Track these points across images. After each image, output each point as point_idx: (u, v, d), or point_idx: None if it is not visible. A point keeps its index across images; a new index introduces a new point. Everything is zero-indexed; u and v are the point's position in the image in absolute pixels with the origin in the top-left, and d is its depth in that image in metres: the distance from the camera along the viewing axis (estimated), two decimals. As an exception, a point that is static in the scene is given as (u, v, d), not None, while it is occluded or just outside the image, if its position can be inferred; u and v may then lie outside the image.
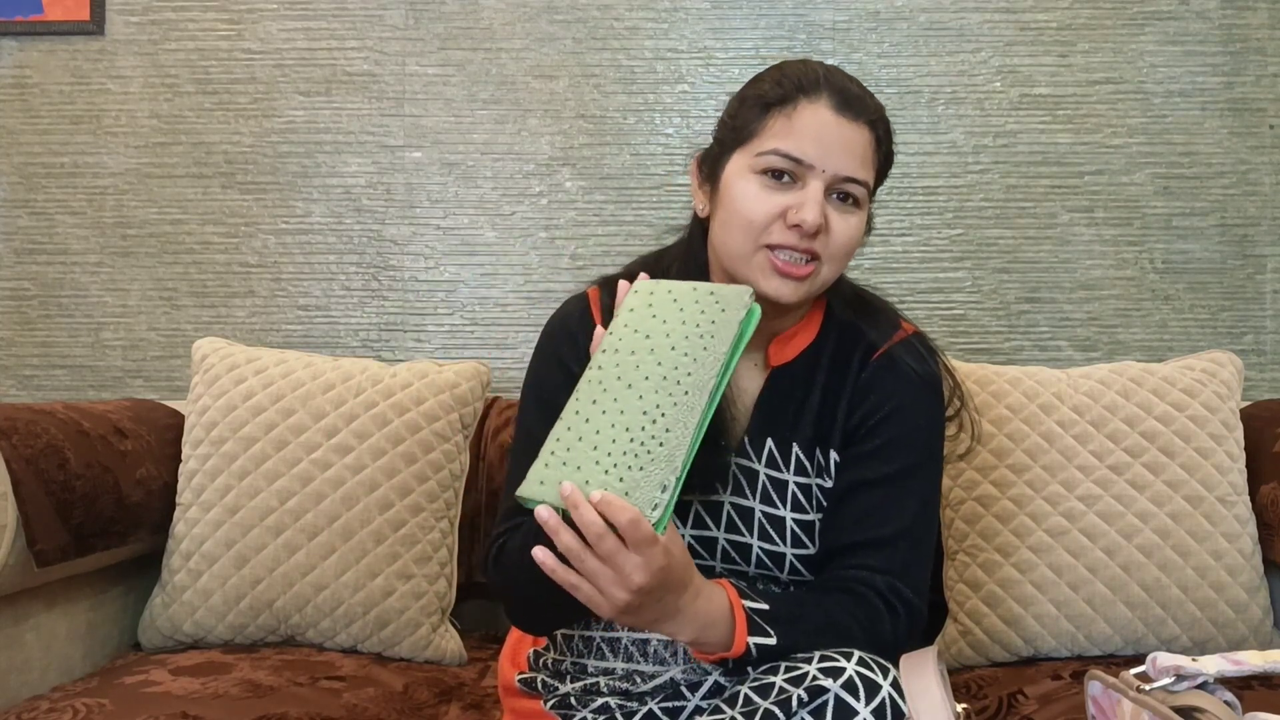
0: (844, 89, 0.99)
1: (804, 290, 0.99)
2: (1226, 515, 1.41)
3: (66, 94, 1.89)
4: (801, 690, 0.84)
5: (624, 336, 0.86)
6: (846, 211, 0.99)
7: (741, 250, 0.99)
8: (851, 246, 1.00)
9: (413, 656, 1.45)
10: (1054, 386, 1.49)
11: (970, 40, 1.84)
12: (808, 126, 0.97)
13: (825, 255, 0.98)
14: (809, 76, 0.99)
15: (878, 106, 1.01)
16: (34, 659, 1.36)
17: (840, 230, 0.98)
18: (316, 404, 1.50)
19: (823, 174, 0.96)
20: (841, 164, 0.97)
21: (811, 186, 0.96)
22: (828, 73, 1.00)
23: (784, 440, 1.05)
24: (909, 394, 1.05)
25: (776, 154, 0.97)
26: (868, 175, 0.99)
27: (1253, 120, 1.82)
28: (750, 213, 0.97)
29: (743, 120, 1.01)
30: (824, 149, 0.96)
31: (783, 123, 0.98)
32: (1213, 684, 0.80)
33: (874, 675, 0.84)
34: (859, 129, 0.98)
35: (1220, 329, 1.82)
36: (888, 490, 1.01)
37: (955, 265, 1.84)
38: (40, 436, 1.32)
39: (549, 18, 1.86)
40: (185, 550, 1.46)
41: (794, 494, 1.03)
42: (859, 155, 0.98)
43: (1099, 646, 1.40)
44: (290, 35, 1.88)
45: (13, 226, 1.90)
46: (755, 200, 0.97)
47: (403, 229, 1.88)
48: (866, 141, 0.99)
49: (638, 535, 0.78)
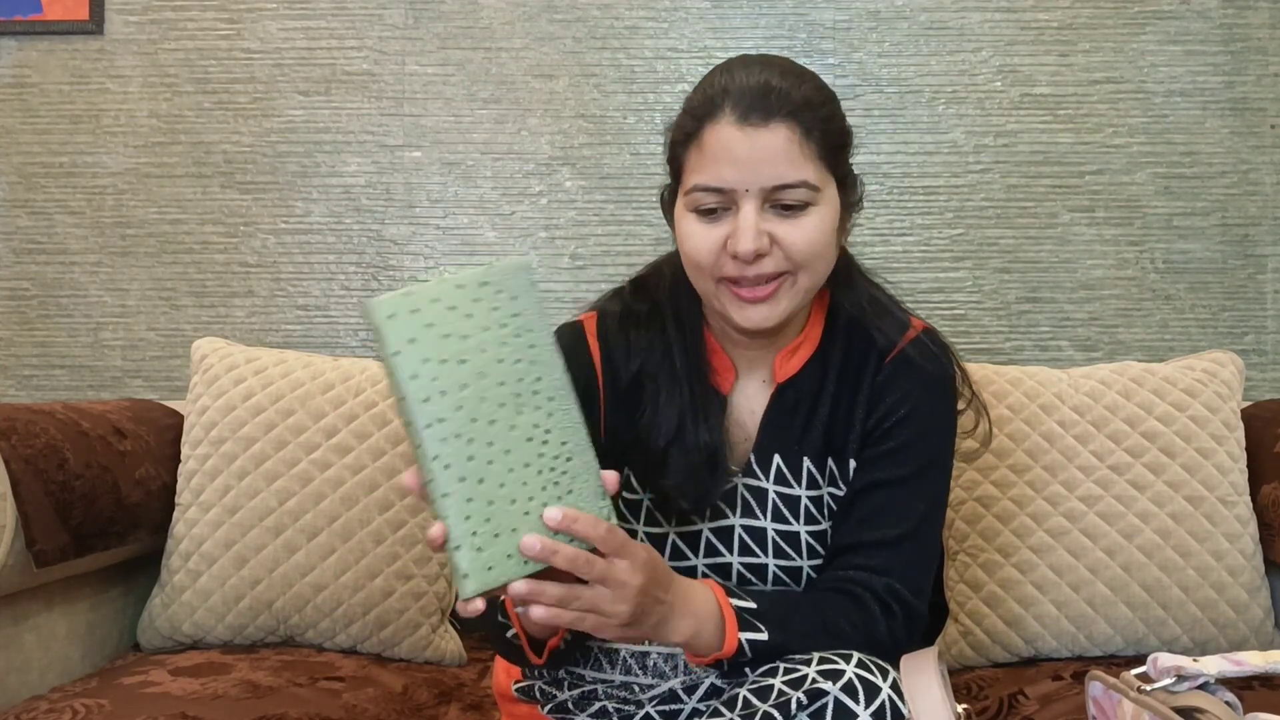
0: (743, 93, 0.92)
1: (782, 308, 0.95)
2: (1227, 515, 1.41)
3: (65, 93, 1.89)
4: (800, 693, 0.83)
5: (435, 375, 0.72)
6: (793, 217, 0.92)
7: (704, 289, 0.97)
8: (816, 248, 0.93)
9: (412, 657, 1.45)
10: (1055, 386, 1.49)
11: (971, 39, 1.84)
12: (716, 151, 0.91)
13: (790, 266, 0.93)
14: (708, 95, 0.94)
15: (790, 93, 0.92)
16: (33, 659, 1.35)
17: (793, 238, 0.92)
18: (316, 404, 1.50)
19: (748, 193, 0.91)
20: (763, 175, 0.90)
21: (744, 211, 0.91)
22: (727, 81, 0.94)
23: (793, 454, 1.02)
24: (923, 396, 1.02)
25: (697, 190, 0.93)
26: (802, 173, 0.91)
27: (1254, 120, 1.82)
28: (695, 254, 0.94)
29: (671, 159, 0.99)
30: (739, 168, 0.90)
31: (696, 155, 0.93)
32: (1214, 684, 0.80)
33: (873, 678, 0.84)
34: (772, 131, 0.90)
35: (1221, 329, 1.82)
36: (897, 491, 1.00)
37: (956, 265, 1.84)
38: (39, 437, 1.31)
39: (549, 17, 1.86)
40: (184, 550, 1.46)
41: (806, 508, 1.01)
42: (781, 158, 0.90)
43: (1100, 647, 1.40)
44: (289, 35, 1.88)
45: (12, 226, 1.90)
46: (696, 239, 0.94)
47: (402, 229, 1.87)
48: (786, 139, 0.91)
49: (615, 542, 0.77)
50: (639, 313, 1.04)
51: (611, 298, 1.07)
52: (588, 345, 1.02)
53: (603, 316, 1.04)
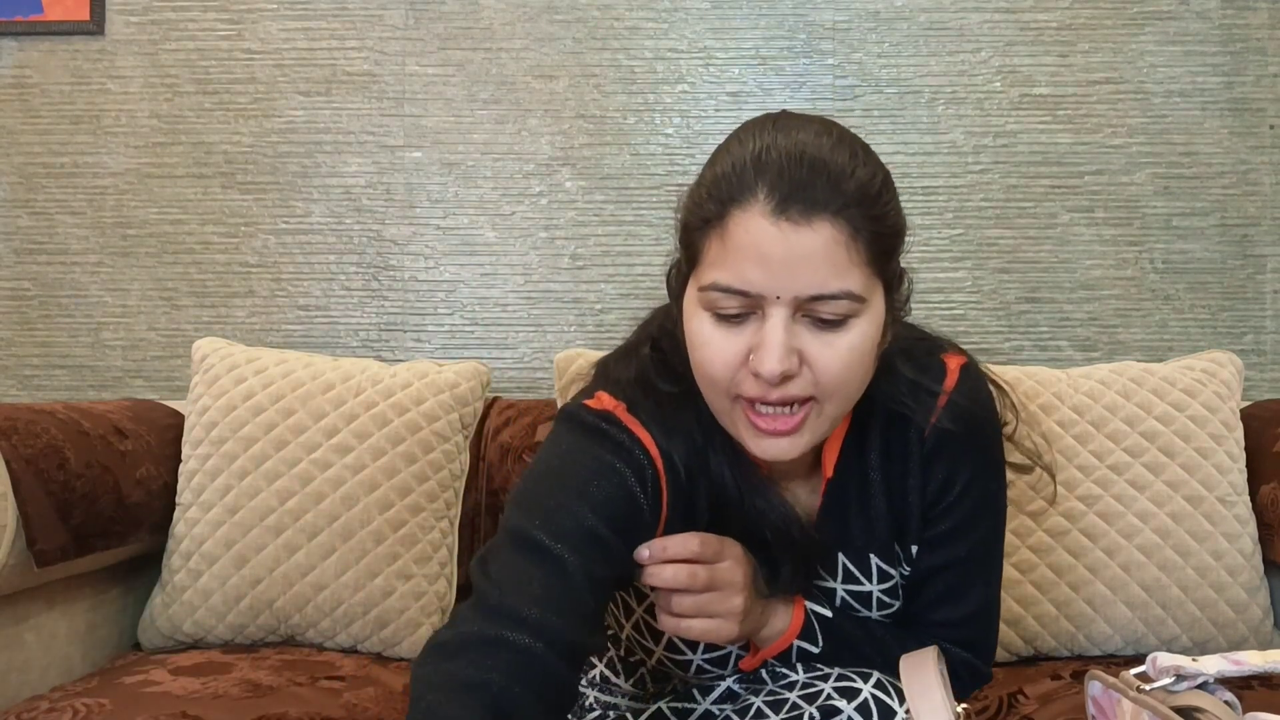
0: (782, 175, 0.74)
1: (804, 442, 0.80)
2: (1226, 515, 1.41)
3: (66, 94, 1.89)
4: (814, 709, 0.83)
5: None
6: (829, 333, 0.76)
7: (717, 405, 0.82)
8: (852, 372, 0.77)
9: (413, 656, 1.44)
10: (1054, 386, 1.49)
11: (970, 40, 1.84)
12: (743, 246, 0.74)
13: (819, 393, 0.77)
14: (737, 170, 0.76)
15: (840, 181, 0.74)
16: (34, 659, 1.35)
17: (824, 360, 0.76)
18: (316, 404, 1.50)
19: (778, 300, 0.74)
20: (799, 282, 0.74)
21: (770, 321, 0.75)
22: (763, 153, 0.75)
23: (859, 553, 0.93)
24: (973, 465, 0.92)
25: (715, 289, 0.76)
26: (845, 283, 0.74)
27: (1253, 120, 1.82)
28: (708, 363, 0.78)
29: (685, 240, 0.81)
30: (770, 270, 0.73)
31: (717, 246, 0.76)
32: (1213, 684, 0.80)
33: (889, 700, 0.83)
34: (814, 230, 0.73)
35: (1220, 329, 1.82)
36: (960, 572, 0.94)
37: (955, 265, 1.84)
38: (40, 436, 1.32)
39: (549, 17, 1.86)
40: (185, 550, 1.46)
41: (879, 598, 0.95)
42: (822, 263, 0.73)
43: (1099, 646, 1.40)
44: (290, 35, 1.88)
45: (13, 226, 1.90)
46: (709, 347, 0.78)
47: (403, 229, 1.88)
48: (830, 240, 0.73)
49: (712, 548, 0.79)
50: (669, 396, 0.87)
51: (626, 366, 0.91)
52: (638, 436, 0.85)
53: (632, 406, 0.87)
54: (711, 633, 0.85)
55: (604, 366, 0.94)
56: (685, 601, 0.84)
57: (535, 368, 1.87)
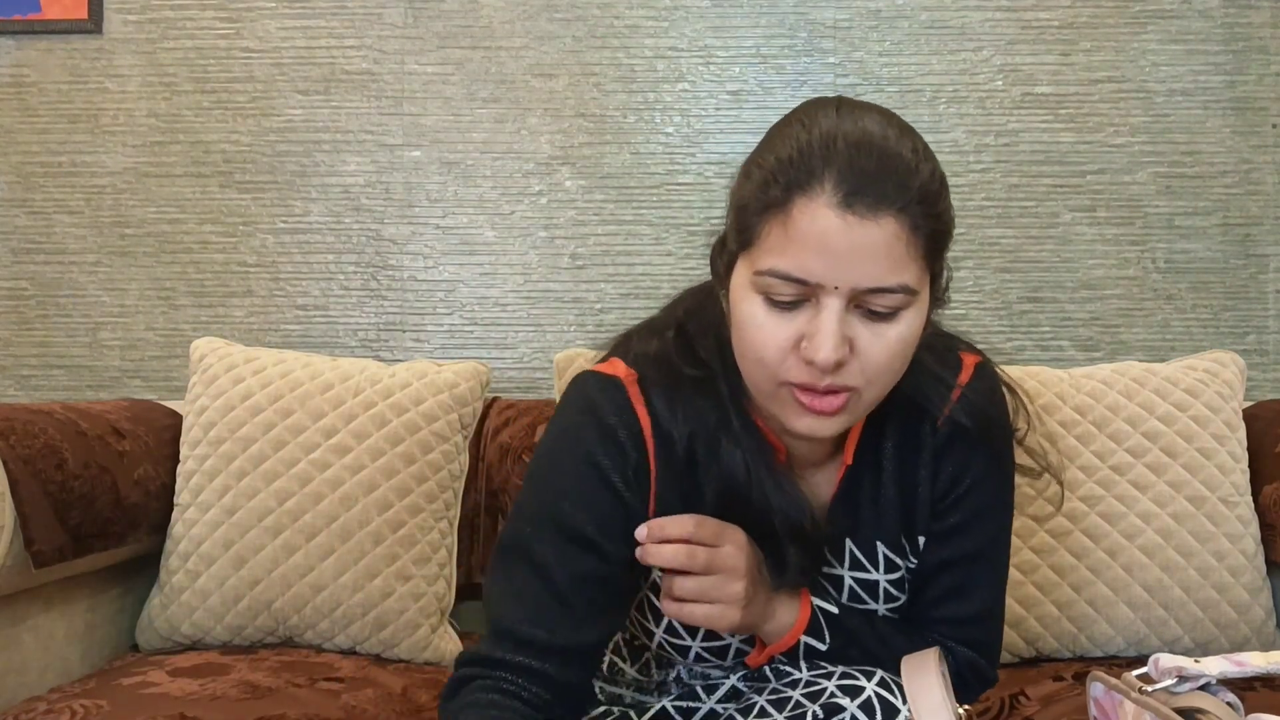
0: (852, 167, 0.75)
1: (843, 423, 0.82)
2: (1229, 516, 1.40)
3: (64, 93, 1.89)
4: (817, 706, 0.83)
5: None
6: (880, 324, 0.78)
7: (761, 388, 0.82)
8: (895, 362, 0.80)
9: (411, 658, 1.44)
10: (1056, 387, 1.49)
11: (972, 39, 1.83)
12: (808, 235, 0.75)
13: (861, 382, 0.79)
14: (805, 156, 0.76)
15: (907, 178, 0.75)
16: (32, 660, 1.35)
17: (874, 350, 0.78)
18: (315, 404, 1.50)
19: (836, 290, 0.75)
20: (859, 275, 0.75)
21: (826, 310, 0.76)
22: (831, 143, 0.76)
23: (867, 541, 0.94)
24: (983, 461, 0.93)
25: (774, 275, 0.77)
26: (903, 277, 0.76)
27: (1255, 119, 1.82)
28: (760, 347, 0.79)
29: (741, 223, 0.81)
30: (832, 261, 0.74)
31: (779, 232, 0.76)
32: (1215, 685, 0.80)
33: (893, 699, 0.83)
34: (879, 225, 0.74)
35: (1223, 329, 1.82)
36: (973, 568, 0.95)
37: (957, 265, 1.81)
38: (38, 437, 1.31)
39: (548, 16, 1.86)
40: (183, 551, 1.45)
41: (886, 589, 0.96)
42: (883, 257, 0.75)
43: (1101, 648, 1.39)
44: (289, 34, 1.87)
45: (10, 226, 1.89)
46: (762, 331, 0.78)
47: (402, 228, 1.87)
48: (893, 236, 0.75)
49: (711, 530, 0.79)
50: (686, 378, 0.88)
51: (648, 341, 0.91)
52: (635, 413, 0.87)
53: (644, 380, 0.89)
54: (714, 618, 0.85)
55: (627, 338, 0.94)
56: (687, 584, 0.84)
57: (535, 368, 1.86)
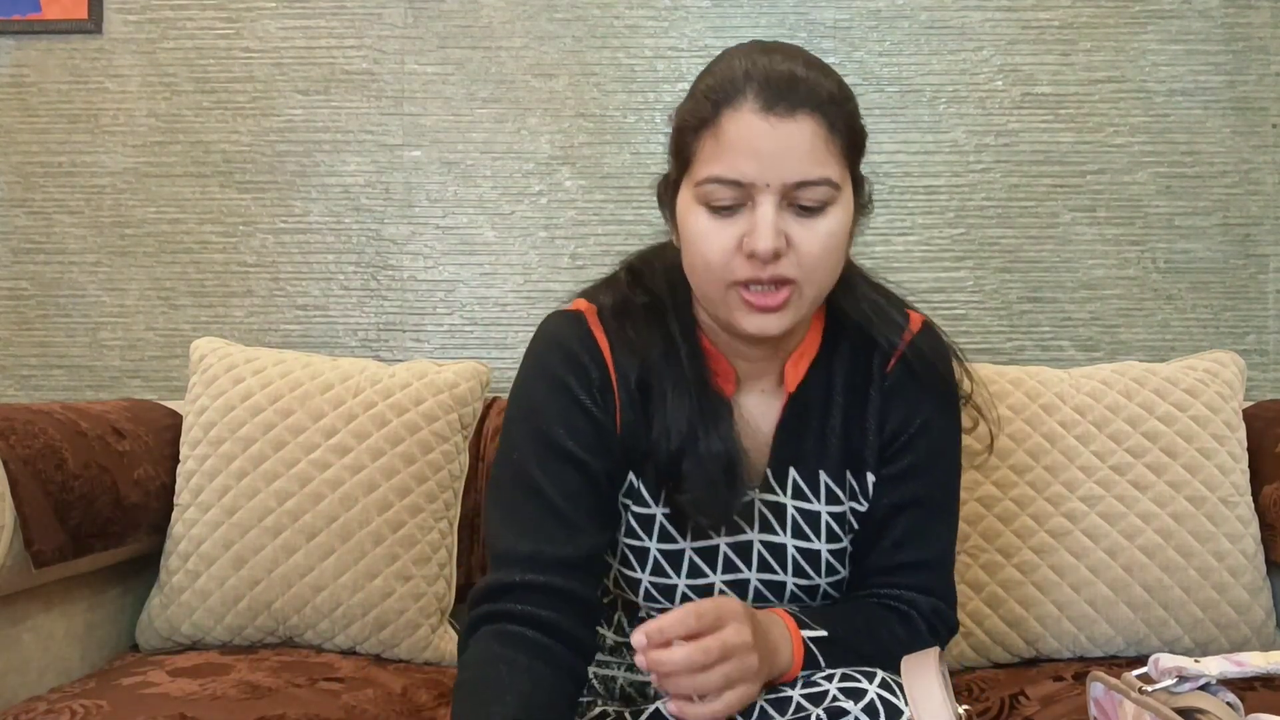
0: (768, 80, 0.84)
1: (789, 318, 0.88)
2: (1229, 516, 1.41)
3: (64, 93, 1.89)
4: (820, 710, 0.83)
5: None
6: (811, 219, 0.86)
7: (711, 293, 0.89)
8: (829, 256, 0.87)
9: (411, 658, 1.44)
10: (1056, 387, 1.49)
11: (972, 39, 1.83)
12: (736, 140, 0.84)
13: (800, 274, 0.86)
14: (728, 78, 0.86)
15: (817, 85, 0.86)
16: (31, 660, 1.35)
17: (807, 242, 0.86)
18: (315, 404, 1.50)
19: (768, 188, 0.84)
20: (786, 170, 0.84)
21: (761, 208, 0.84)
22: (749, 66, 0.86)
23: (810, 469, 0.98)
24: (932, 406, 0.99)
25: (711, 181, 0.85)
26: (824, 170, 0.85)
27: (1255, 119, 1.82)
28: (707, 251, 0.87)
29: (679, 146, 0.91)
30: (760, 161, 0.83)
31: (711, 144, 0.86)
32: (1215, 685, 0.80)
33: (895, 700, 0.83)
34: (798, 123, 0.84)
35: (1223, 329, 1.82)
36: (922, 512, 0.99)
37: (957, 265, 1.83)
38: (38, 437, 1.31)
39: (549, 16, 1.86)
40: (183, 551, 1.45)
41: (827, 524, 0.98)
42: (806, 152, 0.84)
43: (1101, 648, 1.39)
44: (289, 34, 1.87)
45: (10, 226, 1.89)
46: (706, 237, 0.87)
47: (401, 228, 1.87)
48: (812, 133, 0.84)
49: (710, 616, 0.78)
50: (637, 306, 0.97)
51: (604, 289, 1.00)
52: (594, 338, 0.95)
53: (601, 310, 0.98)
54: (745, 699, 0.82)
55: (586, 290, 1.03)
56: (712, 679, 0.79)
57: (535, 367, 1.86)
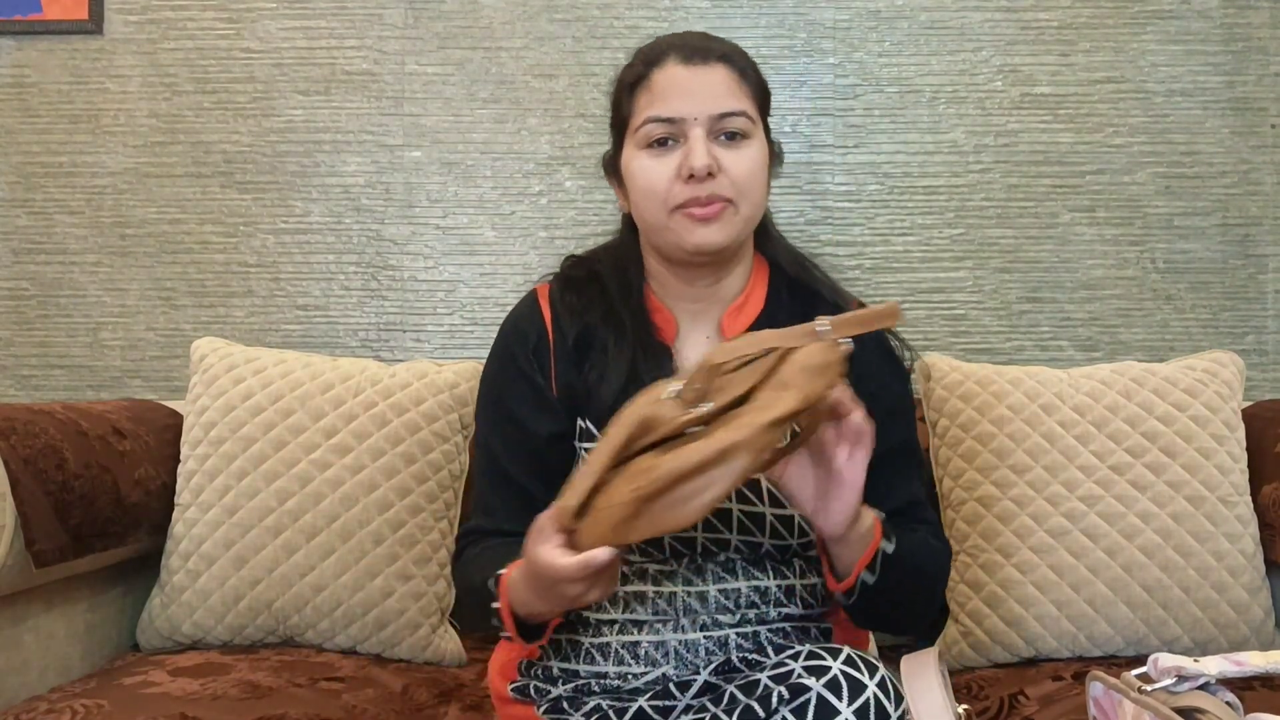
0: (686, 44, 1.05)
1: (729, 230, 1.02)
2: (1228, 516, 1.41)
3: (65, 93, 1.89)
4: (783, 687, 0.84)
5: None
6: (735, 146, 1.03)
7: (658, 220, 1.03)
8: (755, 177, 1.03)
9: (412, 657, 1.44)
10: (1055, 386, 1.49)
11: (971, 39, 1.84)
12: (666, 87, 1.02)
13: (734, 193, 1.02)
14: (653, 47, 1.07)
15: (727, 46, 1.06)
16: (32, 660, 1.35)
17: (735, 163, 1.02)
18: (315, 404, 1.50)
19: (696, 120, 1.01)
20: (709, 104, 1.01)
21: (693, 135, 1.01)
22: (672, 37, 1.07)
23: None
24: (877, 368, 1.07)
25: (649, 121, 1.02)
26: (741, 104, 1.03)
27: (1254, 120, 1.82)
28: (651, 183, 1.02)
29: (617, 111, 1.08)
30: (688, 99, 1.01)
31: (646, 96, 1.04)
32: (1214, 685, 0.80)
33: (860, 675, 0.84)
34: (713, 68, 1.03)
35: (1222, 329, 1.82)
36: (895, 465, 1.04)
37: (956, 265, 1.84)
38: (39, 437, 1.31)
39: (549, 16, 1.86)
40: (184, 551, 1.45)
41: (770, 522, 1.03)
42: (724, 90, 1.03)
43: (1100, 647, 1.40)
44: (289, 34, 1.88)
45: (11, 226, 1.89)
46: (651, 171, 1.02)
47: (402, 228, 1.87)
48: (726, 76, 1.03)
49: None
50: (577, 278, 1.13)
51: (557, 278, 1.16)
52: (540, 309, 1.11)
53: (551, 285, 1.14)
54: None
55: None
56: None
57: (535, 368, 1.86)
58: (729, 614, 1.02)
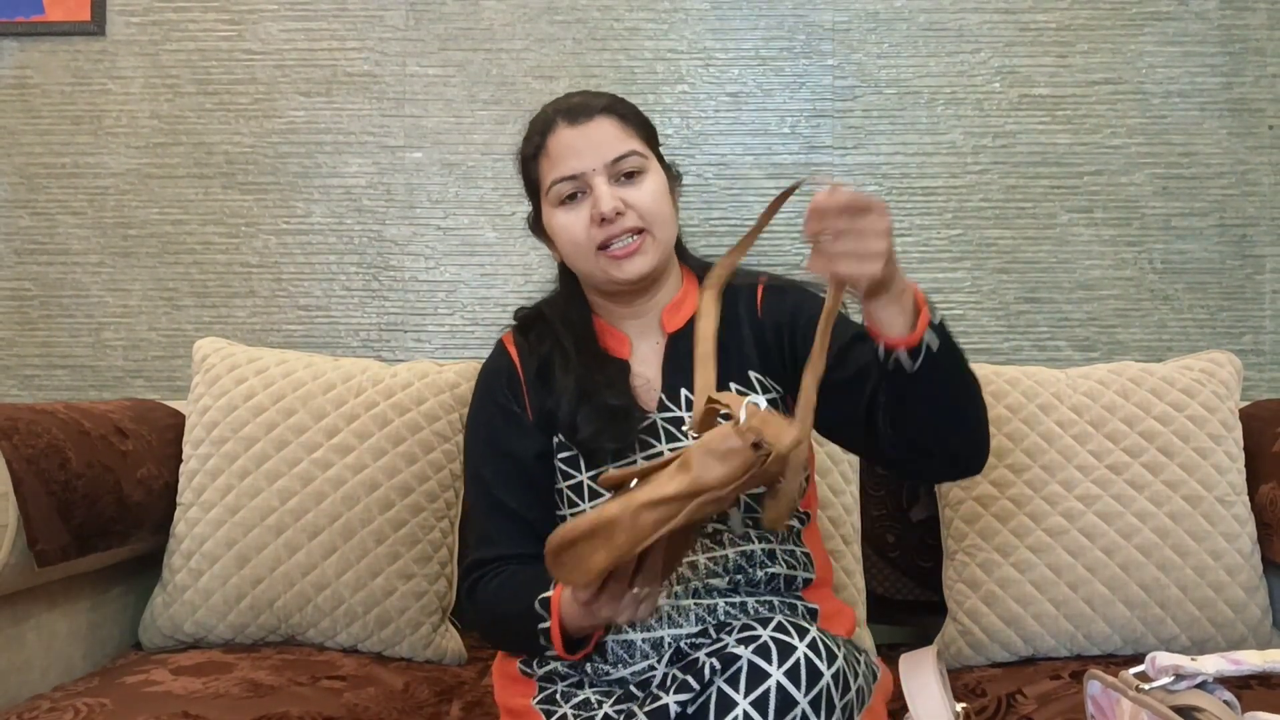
0: (570, 107, 1.16)
1: (649, 259, 1.14)
2: (1225, 515, 1.41)
3: (67, 94, 1.89)
4: (715, 659, 0.88)
5: None
6: (635, 183, 1.14)
7: (587, 265, 1.16)
8: (659, 203, 1.14)
9: (413, 656, 1.45)
10: (1053, 386, 1.50)
11: (969, 41, 1.84)
12: (562, 150, 1.14)
13: (645, 223, 1.13)
14: (541, 119, 1.19)
15: (606, 99, 1.18)
16: (35, 658, 1.36)
17: (639, 197, 1.13)
18: (317, 404, 1.50)
19: (594, 171, 1.13)
20: (602, 154, 1.13)
21: (596, 184, 1.13)
22: (557, 103, 1.19)
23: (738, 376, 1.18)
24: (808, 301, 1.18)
25: (556, 182, 1.15)
26: (630, 145, 1.14)
27: (1251, 121, 1.82)
28: (572, 235, 1.15)
29: (528, 180, 1.22)
30: (582, 155, 1.13)
31: (547, 162, 1.16)
32: (1212, 683, 0.80)
33: (790, 639, 0.87)
34: (598, 123, 1.14)
35: (1219, 329, 1.82)
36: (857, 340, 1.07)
37: (954, 265, 1.84)
38: (41, 436, 1.32)
39: (549, 18, 1.87)
40: (186, 550, 1.46)
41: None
42: (611, 138, 1.14)
43: (1098, 646, 1.40)
44: (291, 36, 1.88)
45: (14, 227, 1.90)
46: (569, 225, 1.15)
47: (403, 229, 1.88)
48: (610, 125, 1.15)
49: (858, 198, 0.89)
50: (529, 319, 1.26)
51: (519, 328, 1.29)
52: (507, 350, 1.25)
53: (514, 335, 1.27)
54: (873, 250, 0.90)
55: None
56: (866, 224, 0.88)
57: (535, 368, 1.87)
58: (719, 578, 1.09)
